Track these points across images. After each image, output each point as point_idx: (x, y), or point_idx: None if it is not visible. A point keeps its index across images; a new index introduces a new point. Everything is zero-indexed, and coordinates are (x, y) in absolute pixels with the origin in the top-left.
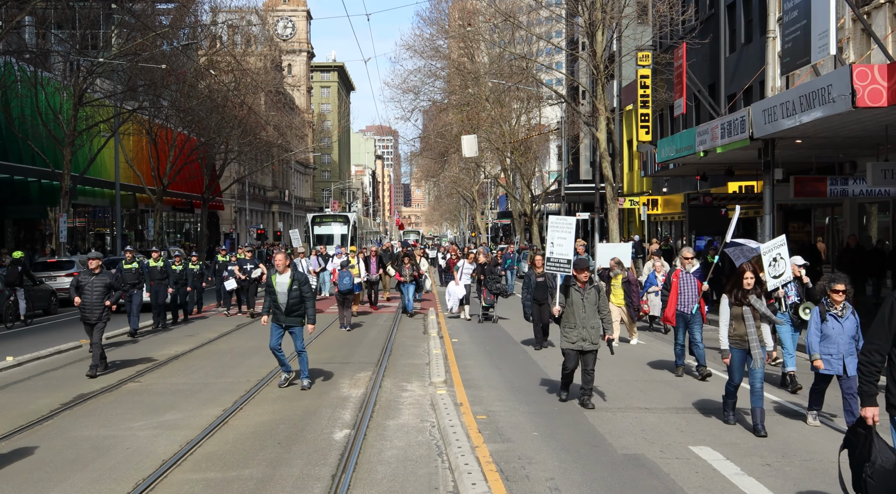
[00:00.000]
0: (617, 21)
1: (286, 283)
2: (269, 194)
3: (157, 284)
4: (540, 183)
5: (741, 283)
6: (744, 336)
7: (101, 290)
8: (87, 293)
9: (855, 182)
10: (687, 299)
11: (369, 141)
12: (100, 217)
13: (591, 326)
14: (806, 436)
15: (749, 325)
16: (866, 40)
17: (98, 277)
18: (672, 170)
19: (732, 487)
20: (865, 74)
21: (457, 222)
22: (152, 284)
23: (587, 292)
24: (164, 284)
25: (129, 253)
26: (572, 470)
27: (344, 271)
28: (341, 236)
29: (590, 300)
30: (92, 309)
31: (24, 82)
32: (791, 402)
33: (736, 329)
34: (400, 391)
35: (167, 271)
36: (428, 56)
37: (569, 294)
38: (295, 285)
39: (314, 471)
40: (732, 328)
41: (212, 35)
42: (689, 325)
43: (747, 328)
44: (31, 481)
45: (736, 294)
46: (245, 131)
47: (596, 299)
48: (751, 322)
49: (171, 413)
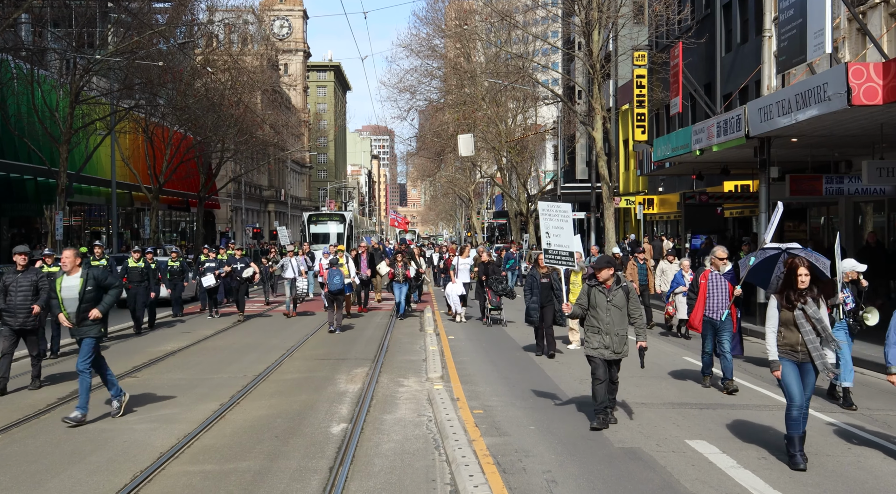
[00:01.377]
0: (613, 20)
1: (76, 285)
2: (266, 193)
3: (136, 286)
4: (536, 182)
5: (794, 281)
6: (795, 346)
7: (26, 290)
8: (12, 294)
9: (850, 181)
10: (716, 304)
11: (365, 141)
12: (96, 216)
13: (617, 333)
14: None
15: (805, 331)
16: (862, 40)
17: (24, 275)
18: (668, 169)
19: (728, 479)
20: (861, 72)
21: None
22: (130, 286)
23: (613, 293)
24: (143, 285)
25: (137, 253)
26: (569, 463)
27: (334, 271)
28: (337, 234)
29: (616, 303)
30: (16, 313)
31: (20, 80)
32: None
33: (786, 337)
34: (397, 387)
35: (147, 273)
36: (424, 55)
37: (591, 294)
38: (90, 286)
39: (312, 464)
40: (782, 336)
41: (208, 34)
42: (718, 333)
43: (803, 335)
44: (29, 473)
45: (788, 295)
46: (241, 130)
47: (624, 302)
48: (808, 329)
49: (168, 408)
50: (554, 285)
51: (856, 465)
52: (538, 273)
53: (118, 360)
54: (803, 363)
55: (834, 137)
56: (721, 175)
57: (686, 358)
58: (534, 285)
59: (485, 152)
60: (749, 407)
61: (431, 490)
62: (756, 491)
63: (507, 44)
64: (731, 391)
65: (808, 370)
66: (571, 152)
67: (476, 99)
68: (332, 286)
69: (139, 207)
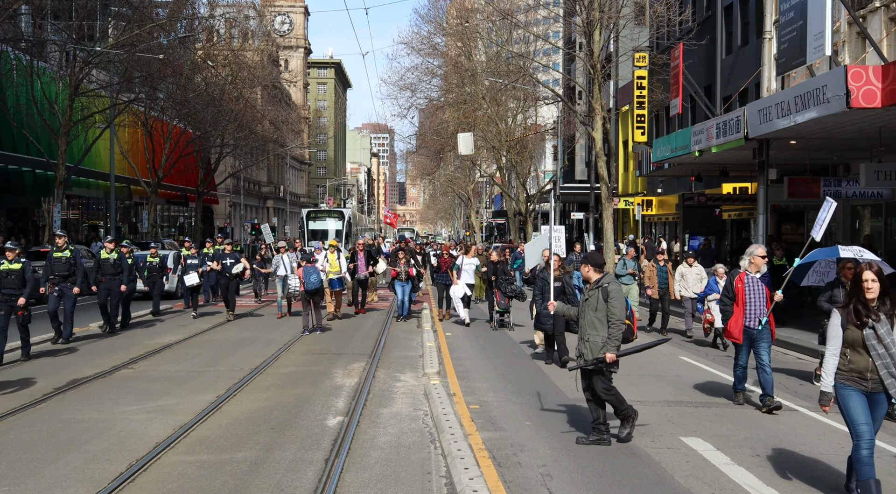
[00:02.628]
0: (614, 21)
1: None
2: (264, 189)
3: (110, 280)
4: (535, 182)
5: (860, 290)
6: (864, 372)
7: None
8: None
9: (848, 184)
10: (754, 311)
11: (365, 138)
12: (94, 209)
13: (589, 338)
14: (795, 429)
15: (878, 354)
16: (862, 43)
17: None
18: (667, 170)
19: (722, 476)
20: (860, 75)
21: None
22: (103, 280)
23: (589, 293)
24: (117, 279)
25: (111, 243)
26: (564, 458)
27: (310, 268)
28: (336, 231)
29: (590, 305)
30: None
31: (19, 71)
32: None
33: (852, 362)
34: (393, 381)
35: (121, 265)
36: (425, 54)
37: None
38: None
39: (308, 455)
40: (847, 360)
41: (209, 28)
42: (755, 343)
43: (875, 359)
44: (25, 460)
45: (856, 310)
46: (241, 126)
47: (601, 304)
48: (881, 352)
49: (165, 399)
50: (567, 289)
51: None
52: (550, 275)
53: (114, 352)
54: (874, 392)
55: (832, 140)
56: (720, 177)
57: (683, 358)
58: (545, 289)
59: (484, 152)
60: (744, 407)
61: (427, 482)
62: (749, 488)
63: (508, 43)
64: (772, 408)
65: (879, 401)
66: (571, 153)
67: (476, 98)
68: (308, 285)
69: (137, 201)
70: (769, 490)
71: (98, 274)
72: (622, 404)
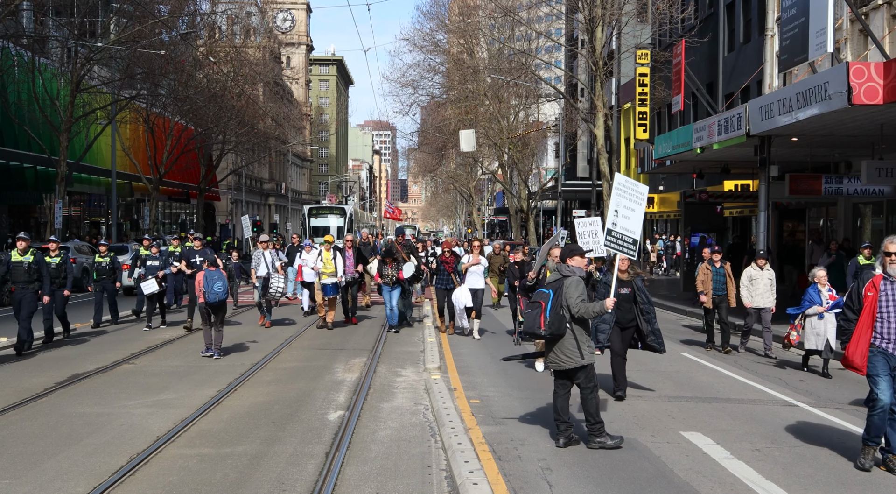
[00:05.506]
0: (617, 18)
1: None
2: (266, 186)
3: (22, 289)
4: (537, 179)
5: None
6: None
7: None
8: None
9: (849, 181)
10: (892, 329)
11: (367, 135)
12: (95, 206)
13: None
14: (795, 424)
15: None
16: (864, 41)
17: None
18: (669, 167)
19: (722, 470)
20: (862, 72)
21: (453, 217)
22: (13, 289)
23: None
24: (31, 289)
25: (23, 242)
26: (564, 452)
27: (213, 273)
28: (338, 228)
29: None
30: None
31: (21, 68)
32: None
33: None
34: (394, 377)
35: (38, 270)
36: (427, 50)
37: None
38: None
39: (308, 449)
40: None
41: (211, 24)
42: None
43: None
44: (26, 454)
45: None
46: (242, 122)
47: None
48: None
49: (166, 393)
50: (639, 298)
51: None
52: (613, 278)
53: (115, 347)
54: None
55: (834, 137)
56: (721, 174)
57: (683, 354)
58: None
59: (486, 149)
60: (744, 401)
61: (427, 475)
62: (749, 482)
63: (511, 40)
64: None
65: None
66: (573, 150)
67: (478, 95)
68: (209, 296)
69: (139, 197)
70: (768, 484)
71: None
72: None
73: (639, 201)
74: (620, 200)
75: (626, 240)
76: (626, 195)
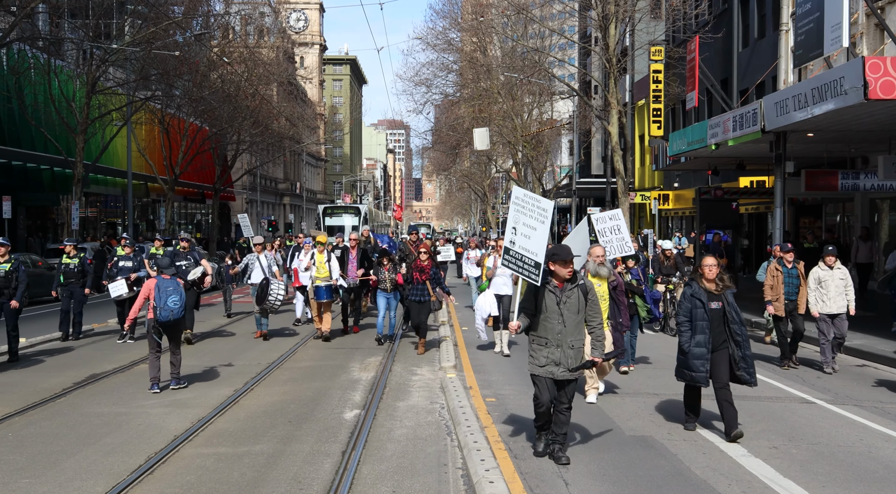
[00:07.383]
0: (630, 15)
1: None
2: (281, 185)
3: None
4: (551, 177)
5: None
6: None
7: None
8: None
9: (866, 176)
10: None
11: (381, 134)
12: (111, 206)
13: (571, 345)
14: (812, 421)
15: None
16: (880, 35)
17: None
18: (683, 164)
19: (739, 467)
20: (878, 66)
21: (468, 216)
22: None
23: (566, 294)
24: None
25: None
26: (581, 450)
27: (167, 282)
28: (352, 226)
29: (570, 307)
30: None
31: (37, 70)
32: None
33: None
34: (410, 375)
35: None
36: (440, 49)
37: (541, 296)
38: None
39: (324, 448)
40: None
41: (224, 25)
42: None
43: None
44: (45, 453)
45: None
46: (257, 122)
47: (581, 304)
48: None
49: (182, 393)
50: (729, 315)
51: (867, 455)
52: (703, 291)
53: (132, 348)
54: None
55: (850, 133)
56: (736, 170)
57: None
58: (695, 315)
59: (500, 147)
60: (761, 399)
61: (443, 473)
62: (766, 479)
63: (524, 38)
64: None
65: None
66: (587, 147)
67: (492, 93)
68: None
69: (155, 198)
70: (786, 482)
71: None
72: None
73: (541, 218)
74: (519, 216)
75: (525, 262)
76: (526, 212)
